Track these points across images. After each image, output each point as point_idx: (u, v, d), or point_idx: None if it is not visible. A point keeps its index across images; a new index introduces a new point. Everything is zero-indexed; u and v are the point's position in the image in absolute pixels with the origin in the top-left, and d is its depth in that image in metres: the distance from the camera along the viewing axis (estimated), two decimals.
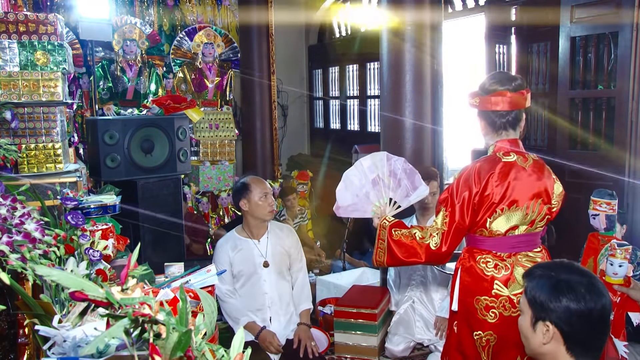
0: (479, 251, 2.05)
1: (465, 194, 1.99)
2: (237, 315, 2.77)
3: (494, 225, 2.00)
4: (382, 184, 2.26)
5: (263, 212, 2.82)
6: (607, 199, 2.73)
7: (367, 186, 2.26)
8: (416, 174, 2.27)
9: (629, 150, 3.67)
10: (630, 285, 2.27)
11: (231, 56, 5.92)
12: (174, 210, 3.70)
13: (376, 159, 2.29)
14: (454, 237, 1.99)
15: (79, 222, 1.50)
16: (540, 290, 1.41)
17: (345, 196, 2.30)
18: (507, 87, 2.01)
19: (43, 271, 0.82)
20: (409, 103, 3.48)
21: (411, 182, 2.25)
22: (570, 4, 4.00)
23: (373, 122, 7.09)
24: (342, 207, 2.31)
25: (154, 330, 0.75)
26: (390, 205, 2.26)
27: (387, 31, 3.53)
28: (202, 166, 5.66)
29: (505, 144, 2.05)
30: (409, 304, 3.47)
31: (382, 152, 2.33)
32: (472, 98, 2.09)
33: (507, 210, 1.98)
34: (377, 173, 2.27)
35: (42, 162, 2.43)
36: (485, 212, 1.99)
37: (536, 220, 2.04)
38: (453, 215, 1.99)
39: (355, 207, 2.29)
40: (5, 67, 2.33)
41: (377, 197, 2.25)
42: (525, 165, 2.02)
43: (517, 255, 2.01)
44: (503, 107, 2.01)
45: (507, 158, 2.02)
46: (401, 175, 2.26)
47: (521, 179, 2.00)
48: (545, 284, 1.42)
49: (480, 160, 2.06)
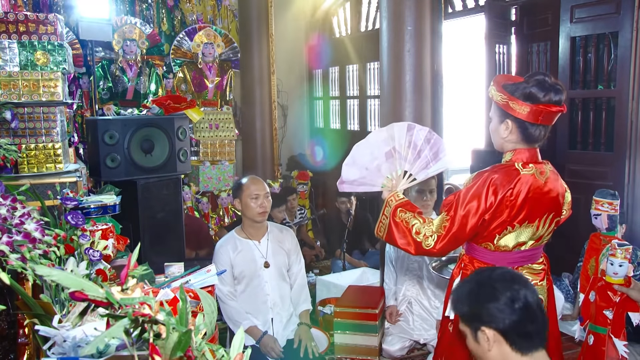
0: (481, 263, 1.96)
1: (472, 206, 1.85)
2: (238, 319, 2.76)
3: (502, 241, 1.92)
4: (397, 156, 2.15)
5: (252, 213, 2.80)
6: (610, 199, 2.73)
7: (380, 159, 2.16)
8: (441, 144, 2.13)
9: (629, 150, 3.67)
10: (631, 285, 2.27)
11: (231, 56, 5.92)
12: (174, 210, 3.70)
13: (393, 131, 2.17)
14: (449, 243, 1.89)
15: (79, 222, 1.50)
16: (462, 304, 1.49)
17: (352, 170, 2.20)
18: (560, 97, 1.82)
19: (43, 271, 0.82)
20: (409, 103, 3.48)
21: (434, 152, 2.12)
22: (570, 4, 4.01)
23: (373, 122, 7.09)
24: (348, 181, 2.21)
25: (154, 330, 0.75)
26: (405, 178, 2.15)
27: (387, 31, 3.53)
28: (202, 166, 5.66)
29: (524, 153, 1.90)
30: (406, 304, 3.47)
31: (402, 122, 2.22)
32: (520, 105, 1.82)
33: (519, 227, 1.89)
34: (392, 145, 2.15)
35: (42, 162, 2.43)
36: (495, 228, 1.88)
37: (544, 235, 1.97)
38: (453, 223, 1.88)
39: (363, 180, 2.19)
40: (5, 67, 2.33)
41: (390, 170, 2.15)
42: (543, 179, 1.89)
43: (517, 269, 1.94)
44: (550, 121, 1.84)
45: (526, 171, 1.87)
46: (423, 145, 2.13)
47: (537, 196, 1.87)
48: (463, 296, 1.49)
49: (497, 169, 1.89)
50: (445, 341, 2.11)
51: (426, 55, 3.48)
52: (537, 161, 1.92)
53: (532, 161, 1.90)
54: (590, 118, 4.04)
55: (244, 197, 2.81)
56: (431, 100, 3.54)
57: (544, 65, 4.50)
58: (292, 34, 8.00)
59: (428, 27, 3.45)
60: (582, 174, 3.95)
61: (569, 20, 4.03)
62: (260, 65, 6.05)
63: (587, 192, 2.84)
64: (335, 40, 8.00)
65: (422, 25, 3.43)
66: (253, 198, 2.78)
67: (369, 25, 7.20)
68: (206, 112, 5.67)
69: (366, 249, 5.07)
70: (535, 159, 1.91)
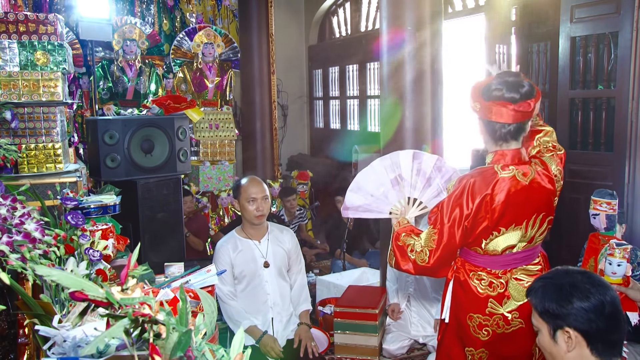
0: (472, 266, 1.95)
1: (456, 213, 1.83)
2: (238, 319, 2.76)
3: (489, 246, 1.89)
4: (404, 183, 2.14)
5: (249, 215, 2.80)
6: (608, 198, 2.73)
7: (387, 185, 2.16)
8: (452, 172, 2.11)
9: (629, 150, 3.67)
10: (629, 285, 2.27)
11: (231, 56, 5.92)
12: (174, 210, 3.70)
13: (398, 158, 2.17)
14: (442, 256, 1.87)
15: (79, 222, 1.50)
16: (549, 300, 1.42)
17: (357, 197, 2.21)
18: (513, 95, 1.79)
19: (43, 271, 0.82)
20: (409, 103, 3.48)
21: (445, 181, 2.11)
22: (570, 4, 4.01)
23: (373, 122, 7.09)
24: (352, 207, 2.23)
25: (154, 330, 0.76)
26: (414, 206, 2.14)
27: (387, 31, 3.53)
28: (202, 166, 5.67)
29: (504, 155, 1.87)
30: (405, 303, 3.47)
31: (407, 150, 2.23)
32: (473, 101, 1.89)
33: (505, 231, 1.86)
34: (397, 173, 2.16)
35: (42, 162, 2.43)
36: (480, 234, 1.86)
37: (535, 236, 1.93)
38: (442, 235, 1.85)
39: (368, 207, 2.19)
40: (5, 67, 2.33)
41: (398, 197, 2.15)
42: (526, 180, 1.84)
43: (512, 271, 1.92)
44: (506, 119, 1.80)
45: (505, 173, 1.83)
46: (433, 174, 2.12)
47: (520, 198, 1.83)
48: (551, 293, 1.42)
49: (475, 173, 1.88)
50: (445, 345, 2.11)
51: (426, 55, 3.47)
52: (521, 162, 1.88)
53: (514, 163, 1.86)
54: (590, 118, 4.04)
55: (241, 199, 2.81)
56: (431, 100, 3.54)
57: (544, 65, 4.50)
58: (292, 34, 8.00)
59: (428, 27, 3.45)
60: (581, 174, 3.95)
61: (569, 20, 4.03)
62: (260, 65, 6.05)
63: (587, 192, 2.84)
64: (335, 40, 8.00)
65: (422, 25, 3.43)
66: (250, 201, 2.78)
67: (369, 25, 7.20)
68: (206, 112, 5.67)
69: (366, 249, 5.07)
70: (517, 160, 1.87)
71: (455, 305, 2.01)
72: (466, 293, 1.96)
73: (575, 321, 1.37)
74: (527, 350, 1.98)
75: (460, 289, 1.98)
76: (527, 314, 1.88)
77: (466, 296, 1.96)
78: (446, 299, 2.04)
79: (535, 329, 1.49)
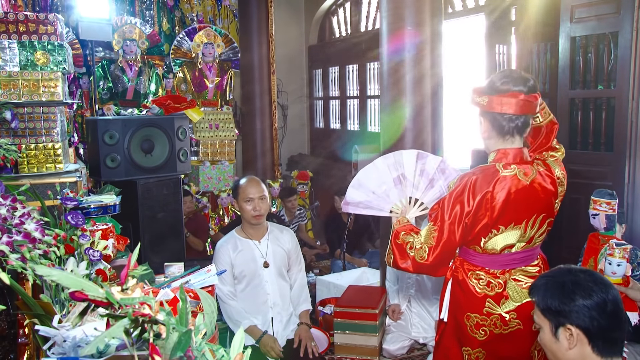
0: (471, 266, 1.95)
1: (456, 210, 1.83)
2: (238, 319, 2.76)
3: (488, 244, 1.89)
4: (406, 183, 2.14)
5: (247, 215, 2.80)
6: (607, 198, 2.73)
7: (389, 184, 2.15)
8: (456, 175, 2.10)
9: (629, 150, 3.67)
10: (629, 284, 2.27)
11: (231, 56, 5.92)
12: (174, 210, 3.70)
13: (401, 157, 2.16)
14: (441, 253, 1.86)
15: (79, 222, 1.50)
16: (551, 298, 1.42)
17: (358, 193, 2.20)
18: (520, 87, 1.81)
19: (43, 271, 0.82)
20: (409, 103, 3.48)
21: (449, 183, 2.10)
22: (570, 4, 4.01)
23: (373, 122, 7.10)
24: (353, 203, 2.21)
25: (154, 330, 0.76)
26: (415, 206, 2.14)
27: (387, 31, 3.53)
28: (202, 166, 5.67)
29: (507, 154, 1.87)
30: (406, 304, 3.47)
31: (411, 150, 2.22)
32: (478, 96, 1.87)
33: (504, 229, 1.86)
34: (400, 172, 2.15)
35: (42, 162, 2.43)
36: (479, 231, 1.86)
37: (535, 236, 1.92)
38: (442, 232, 1.85)
39: (368, 204, 2.18)
40: (5, 67, 2.33)
41: (399, 196, 2.15)
42: (527, 180, 1.84)
43: (510, 271, 1.92)
44: (515, 110, 1.81)
45: (506, 171, 1.83)
46: (436, 175, 2.12)
47: (521, 197, 1.83)
48: (554, 290, 1.42)
49: (477, 171, 1.88)
50: (443, 345, 2.11)
51: (426, 55, 3.47)
52: (523, 161, 1.88)
53: (515, 162, 1.87)
54: (590, 118, 4.04)
55: (239, 199, 2.82)
56: (431, 101, 3.54)
57: (544, 65, 4.50)
58: (292, 34, 8.01)
59: (428, 27, 3.45)
60: (581, 174, 3.95)
61: (569, 20, 4.03)
62: (260, 65, 6.06)
63: (587, 192, 2.84)
64: (335, 40, 8.00)
65: (422, 25, 3.43)
66: (247, 201, 2.78)
67: (369, 25, 7.20)
68: (206, 112, 5.67)
69: (366, 249, 5.07)
70: (519, 159, 1.88)
71: (453, 304, 2.01)
72: (464, 292, 1.96)
73: (577, 319, 1.38)
74: (525, 351, 1.98)
75: (459, 288, 1.98)
76: (525, 315, 1.88)
77: (464, 295, 1.96)
78: (445, 299, 2.04)
79: (537, 326, 1.49)
